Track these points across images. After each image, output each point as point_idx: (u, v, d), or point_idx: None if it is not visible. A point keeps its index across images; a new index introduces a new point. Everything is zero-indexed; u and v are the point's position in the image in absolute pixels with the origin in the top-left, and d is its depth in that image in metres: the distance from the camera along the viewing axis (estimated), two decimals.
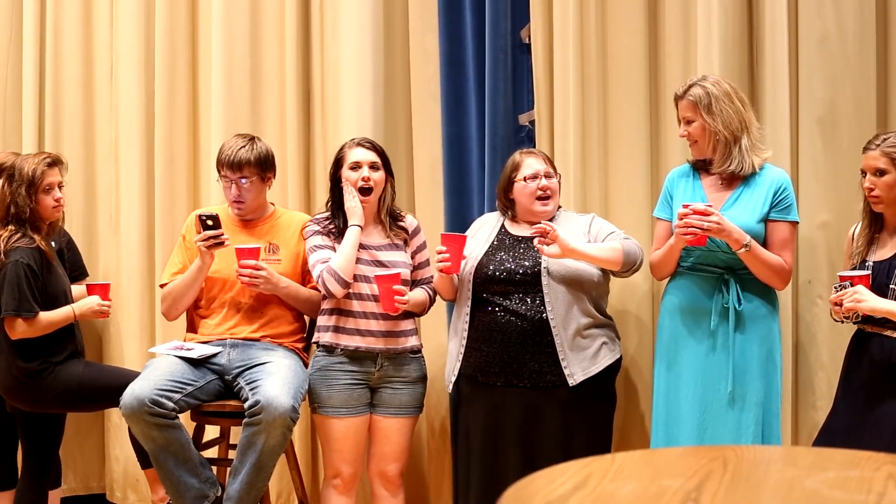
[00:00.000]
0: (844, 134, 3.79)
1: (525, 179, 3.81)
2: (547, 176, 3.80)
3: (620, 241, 3.69)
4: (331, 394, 3.79)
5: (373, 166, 3.86)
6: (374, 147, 3.92)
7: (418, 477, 4.43)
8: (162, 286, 4.07)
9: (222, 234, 3.84)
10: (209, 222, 3.82)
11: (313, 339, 3.90)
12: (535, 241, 3.58)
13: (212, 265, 3.92)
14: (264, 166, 3.98)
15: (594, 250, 3.64)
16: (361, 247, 3.81)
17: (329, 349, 3.82)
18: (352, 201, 3.82)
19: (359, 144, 3.89)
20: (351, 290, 3.79)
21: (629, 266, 3.69)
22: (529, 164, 3.82)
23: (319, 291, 3.85)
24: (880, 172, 3.33)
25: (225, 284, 3.98)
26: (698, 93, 3.56)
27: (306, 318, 4.12)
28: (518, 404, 3.71)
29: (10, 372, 3.97)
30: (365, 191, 3.84)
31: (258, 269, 3.81)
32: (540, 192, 3.79)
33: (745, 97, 3.65)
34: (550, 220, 3.77)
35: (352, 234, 3.78)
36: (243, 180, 3.94)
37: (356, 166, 3.85)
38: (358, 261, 3.79)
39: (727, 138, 3.56)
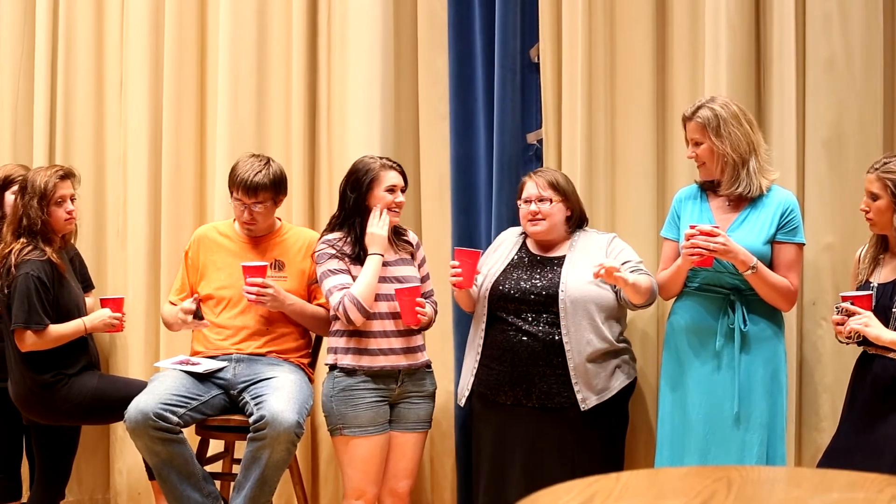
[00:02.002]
0: (850, 156, 3.80)
1: (522, 202, 3.83)
2: (539, 200, 3.79)
3: (649, 279, 3.67)
4: (357, 413, 3.72)
5: (403, 190, 3.85)
6: (402, 170, 3.88)
7: (419, 492, 4.42)
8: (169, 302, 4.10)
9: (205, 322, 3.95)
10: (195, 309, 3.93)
11: (329, 362, 3.82)
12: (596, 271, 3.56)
13: (212, 285, 3.99)
14: (278, 190, 3.97)
15: (637, 285, 3.59)
16: None
17: (350, 372, 3.76)
18: (380, 228, 3.72)
19: (391, 168, 3.81)
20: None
21: (648, 304, 3.71)
22: (527, 187, 3.83)
23: (328, 311, 3.84)
24: (874, 196, 3.35)
25: (230, 302, 3.99)
26: (707, 115, 3.57)
27: (312, 334, 4.12)
28: (526, 425, 3.71)
29: (25, 383, 3.98)
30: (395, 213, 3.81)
31: (265, 287, 3.81)
32: (529, 216, 3.80)
33: (753, 119, 3.66)
34: (552, 238, 3.79)
35: (374, 263, 3.71)
36: (257, 206, 3.93)
37: (392, 189, 3.80)
38: None
39: (735, 161, 3.56)
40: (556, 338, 3.66)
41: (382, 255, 3.73)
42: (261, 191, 3.90)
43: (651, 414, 3.99)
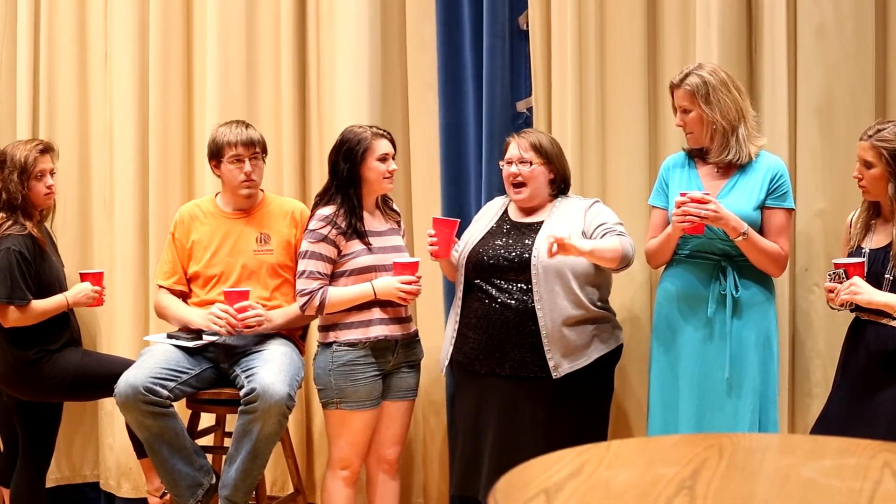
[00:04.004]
0: (841, 123, 3.78)
1: (504, 163, 3.79)
2: (521, 162, 3.74)
3: (620, 241, 3.60)
4: (357, 388, 3.71)
5: (393, 157, 3.83)
6: (392, 137, 3.86)
7: (409, 462, 4.42)
8: (160, 287, 4.05)
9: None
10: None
11: (328, 340, 3.77)
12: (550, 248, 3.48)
13: (200, 263, 3.96)
14: (265, 144, 4.03)
15: (598, 252, 3.54)
16: (371, 234, 3.77)
17: (353, 344, 3.73)
18: (399, 291, 3.70)
19: (382, 136, 3.80)
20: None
21: (621, 267, 3.65)
22: (510, 147, 3.79)
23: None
24: (867, 164, 3.32)
25: (219, 278, 3.95)
26: (695, 82, 3.54)
27: None
28: (498, 394, 3.67)
29: (7, 360, 3.96)
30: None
31: (260, 317, 3.80)
32: (511, 178, 3.76)
33: (741, 85, 3.63)
34: (535, 205, 3.75)
35: (365, 293, 3.70)
36: (255, 158, 3.95)
37: (385, 158, 3.77)
38: (371, 250, 3.75)
39: (725, 128, 3.54)
40: (530, 305, 3.61)
41: (375, 297, 3.71)
42: (256, 142, 3.96)
43: (640, 384, 3.97)
